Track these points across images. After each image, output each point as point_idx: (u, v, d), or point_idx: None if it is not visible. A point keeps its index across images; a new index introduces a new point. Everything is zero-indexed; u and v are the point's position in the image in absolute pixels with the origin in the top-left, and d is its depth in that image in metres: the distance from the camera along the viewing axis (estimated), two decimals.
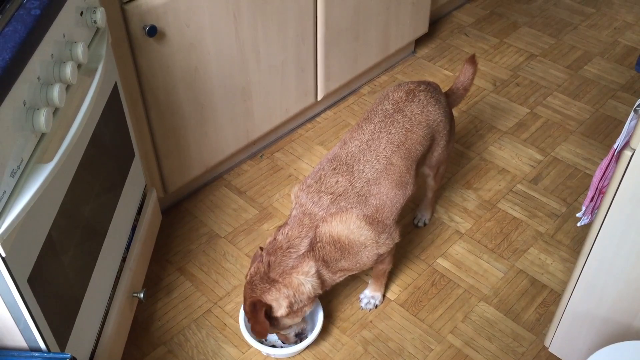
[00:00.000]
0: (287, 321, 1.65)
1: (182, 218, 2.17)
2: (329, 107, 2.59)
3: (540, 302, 1.91)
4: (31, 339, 1.24)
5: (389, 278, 1.94)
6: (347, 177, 1.61)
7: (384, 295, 1.91)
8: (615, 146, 1.31)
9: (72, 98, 1.33)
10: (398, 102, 1.76)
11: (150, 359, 1.78)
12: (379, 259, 1.68)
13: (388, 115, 1.72)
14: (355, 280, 1.96)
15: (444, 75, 2.76)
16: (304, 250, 1.57)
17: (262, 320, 1.58)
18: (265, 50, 2.07)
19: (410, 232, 2.11)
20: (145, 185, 1.89)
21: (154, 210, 1.93)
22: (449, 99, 1.96)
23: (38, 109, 1.17)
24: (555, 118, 2.55)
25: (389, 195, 1.63)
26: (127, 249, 1.74)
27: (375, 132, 1.69)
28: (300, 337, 1.76)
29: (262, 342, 1.76)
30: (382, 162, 1.64)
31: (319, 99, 2.44)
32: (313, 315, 1.79)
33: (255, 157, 2.38)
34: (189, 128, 1.99)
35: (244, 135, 2.21)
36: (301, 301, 1.60)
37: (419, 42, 2.92)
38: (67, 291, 1.37)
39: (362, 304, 1.89)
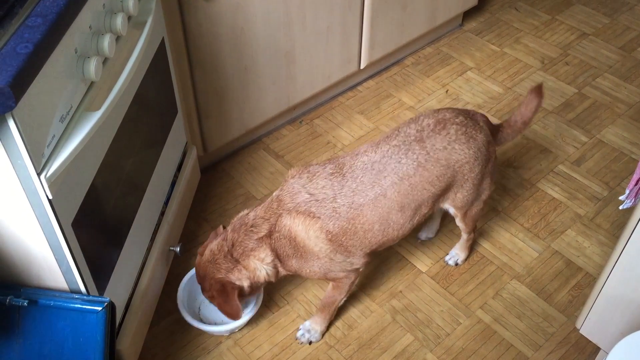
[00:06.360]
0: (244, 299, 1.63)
1: (219, 178, 2.19)
2: (371, 77, 2.57)
3: (574, 284, 1.89)
4: (72, 281, 1.29)
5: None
6: (335, 189, 1.51)
7: (323, 334, 1.75)
8: None
9: (121, 49, 1.35)
10: (423, 130, 1.57)
11: None
12: (332, 274, 1.60)
13: (407, 142, 1.55)
14: (388, 249, 1.96)
15: (490, 50, 2.70)
16: (262, 234, 1.52)
17: (236, 303, 1.54)
18: (311, 15, 2.06)
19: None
20: (186, 143, 1.91)
21: (194, 167, 1.96)
22: (501, 132, 1.75)
23: (88, 57, 1.19)
24: (603, 100, 2.47)
25: (364, 227, 1.51)
26: (166, 203, 1.77)
27: (386, 155, 1.53)
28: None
29: (196, 319, 1.71)
30: (375, 191, 1.50)
31: (362, 67, 2.42)
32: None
33: (294, 122, 2.39)
34: (231, 89, 2.00)
35: (284, 100, 2.21)
36: (258, 284, 1.58)
37: (467, 14, 2.85)
38: (108, 239, 1.42)
39: (298, 334, 1.75)
